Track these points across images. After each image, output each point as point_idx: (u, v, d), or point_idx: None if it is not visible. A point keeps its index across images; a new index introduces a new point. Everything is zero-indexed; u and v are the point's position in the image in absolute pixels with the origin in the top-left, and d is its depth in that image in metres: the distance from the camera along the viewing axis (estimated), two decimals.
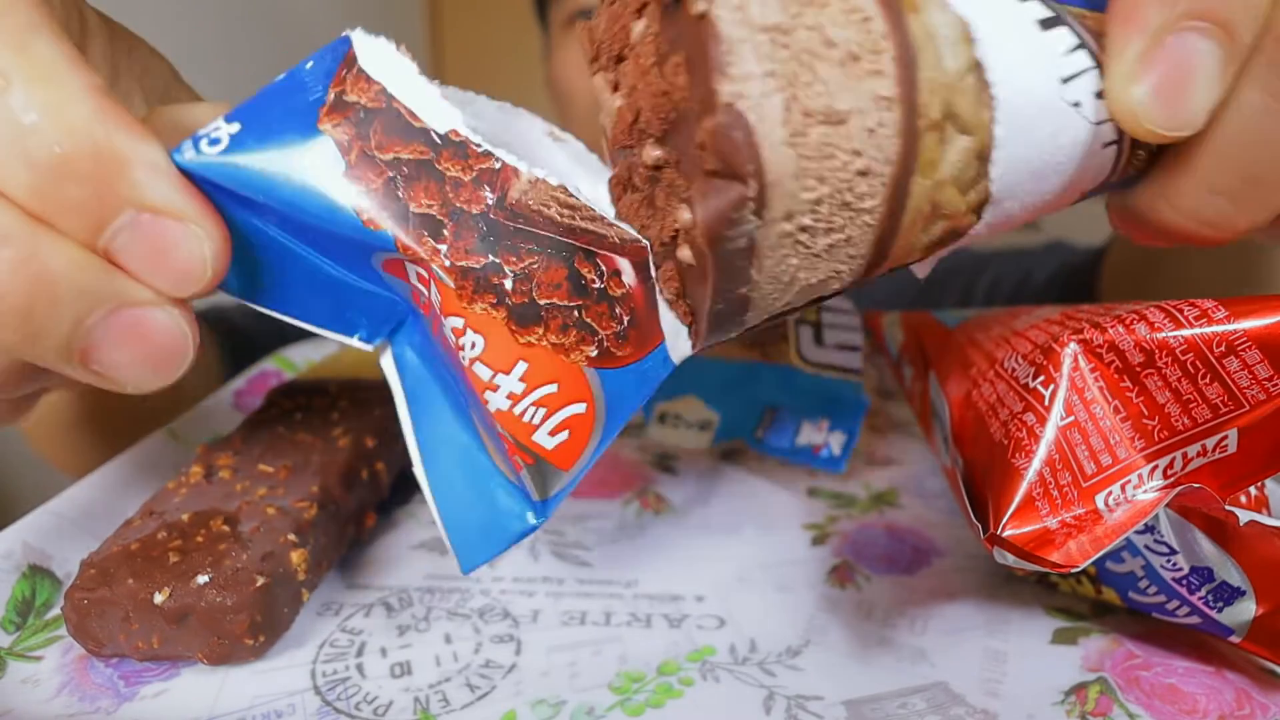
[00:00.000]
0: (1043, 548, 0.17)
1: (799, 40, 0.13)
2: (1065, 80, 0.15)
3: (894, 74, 0.13)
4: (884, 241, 0.15)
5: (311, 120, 0.17)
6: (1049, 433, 0.18)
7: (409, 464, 0.30)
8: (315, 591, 0.23)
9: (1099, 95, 0.15)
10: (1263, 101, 0.15)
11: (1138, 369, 0.18)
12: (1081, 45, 0.15)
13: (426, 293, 0.18)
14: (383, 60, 0.18)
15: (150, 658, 0.20)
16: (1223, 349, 0.16)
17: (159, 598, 0.19)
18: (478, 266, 0.17)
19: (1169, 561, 0.19)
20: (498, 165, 0.17)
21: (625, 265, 0.18)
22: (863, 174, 0.14)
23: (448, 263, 0.17)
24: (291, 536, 0.21)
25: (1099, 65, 0.15)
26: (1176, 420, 0.17)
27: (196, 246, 0.16)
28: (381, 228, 0.17)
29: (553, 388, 0.18)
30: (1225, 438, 0.17)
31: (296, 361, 0.39)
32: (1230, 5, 0.14)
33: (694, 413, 0.29)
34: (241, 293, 0.18)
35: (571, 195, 0.17)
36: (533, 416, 0.18)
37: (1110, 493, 0.17)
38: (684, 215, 0.14)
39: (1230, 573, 0.18)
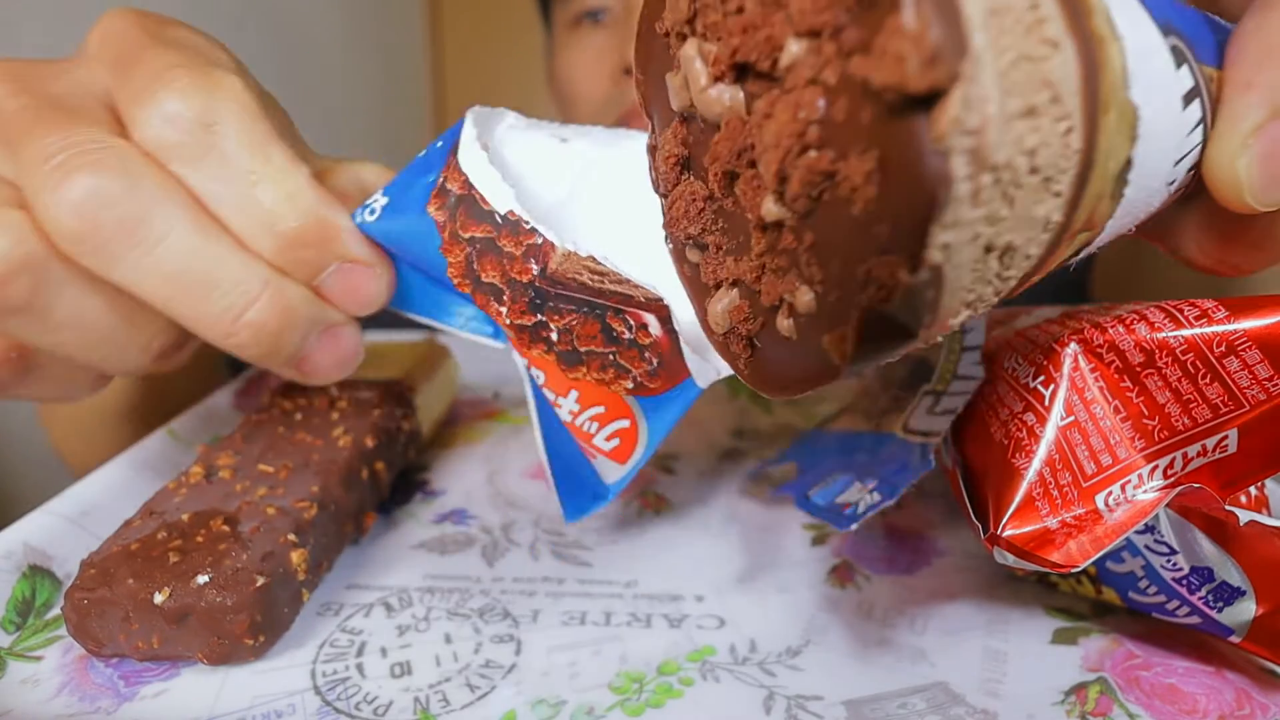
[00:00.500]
0: (1043, 548, 0.17)
1: (1012, 170, 0.11)
2: (1176, 163, 0.14)
3: (1068, 195, 0.12)
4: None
5: (423, 203, 0.22)
6: (1049, 433, 0.18)
7: (409, 464, 0.30)
8: (315, 591, 0.23)
9: (1191, 169, 0.15)
10: None
11: (1138, 369, 0.18)
12: (1202, 120, 0.14)
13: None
14: (470, 149, 0.22)
15: (150, 658, 0.20)
16: (1223, 349, 0.16)
17: (159, 598, 0.19)
18: (529, 324, 0.22)
19: (1169, 561, 0.19)
20: (540, 241, 0.21)
21: (651, 319, 0.21)
22: (999, 294, 0.13)
23: (508, 321, 0.22)
24: (291, 536, 0.21)
25: (1206, 138, 0.15)
26: (1176, 420, 0.17)
27: (377, 284, 0.23)
28: (466, 290, 0.22)
29: (601, 409, 0.23)
30: (1225, 438, 0.17)
31: None
32: None
33: (783, 475, 0.29)
34: (395, 305, 0.24)
35: (600, 264, 0.21)
36: (589, 428, 0.23)
37: (1110, 493, 0.17)
38: (805, 297, 0.13)
39: (1230, 573, 0.18)
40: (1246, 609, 0.18)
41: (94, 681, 0.19)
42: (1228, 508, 0.16)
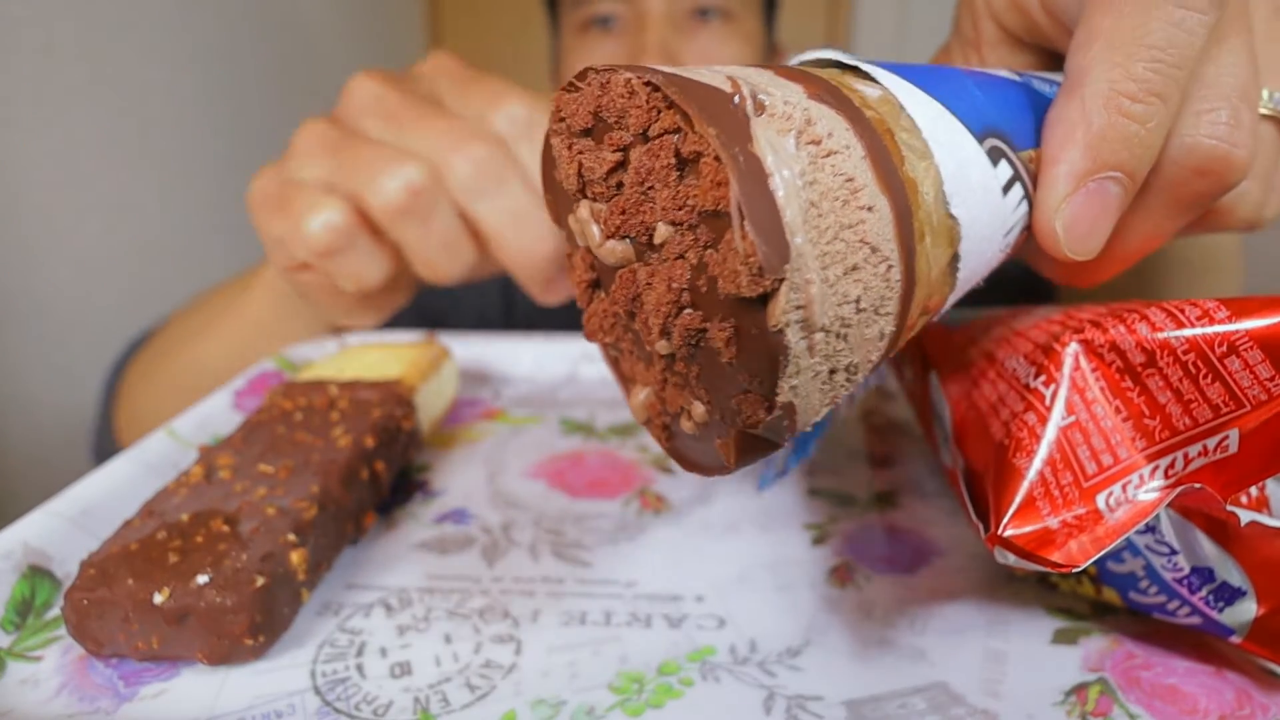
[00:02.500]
0: (1044, 548, 0.17)
1: (841, 318, 0.14)
2: (1005, 235, 0.18)
3: (897, 311, 0.15)
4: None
5: None
6: (1050, 432, 0.18)
7: (409, 464, 0.30)
8: (315, 591, 0.23)
9: (1024, 229, 0.18)
10: (1152, 226, 0.20)
11: (1139, 369, 0.18)
12: (1025, 196, 0.18)
13: None
14: None
15: (150, 658, 0.20)
16: (1224, 349, 0.16)
17: (159, 598, 0.19)
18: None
19: (1170, 562, 0.19)
20: None
21: None
22: (851, 390, 0.15)
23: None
24: (291, 536, 0.21)
25: (1031, 205, 0.18)
26: (1178, 420, 0.17)
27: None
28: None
29: None
30: (1226, 437, 0.17)
31: (296, 361, 0.39)
32: (1136, 157, 0.17)
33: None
34: None
35: None
36: None
37: (1111, 493, 0.17)
38: (699, 409, 0.16)
39: (1231, 573, 0.18)
40: (1247, 609, 0.18)
41: (94, 682, 0.19)
42: (1229, 508, 0.16)
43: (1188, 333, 0.17)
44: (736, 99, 0.14)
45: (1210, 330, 0.17)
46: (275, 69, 1.16)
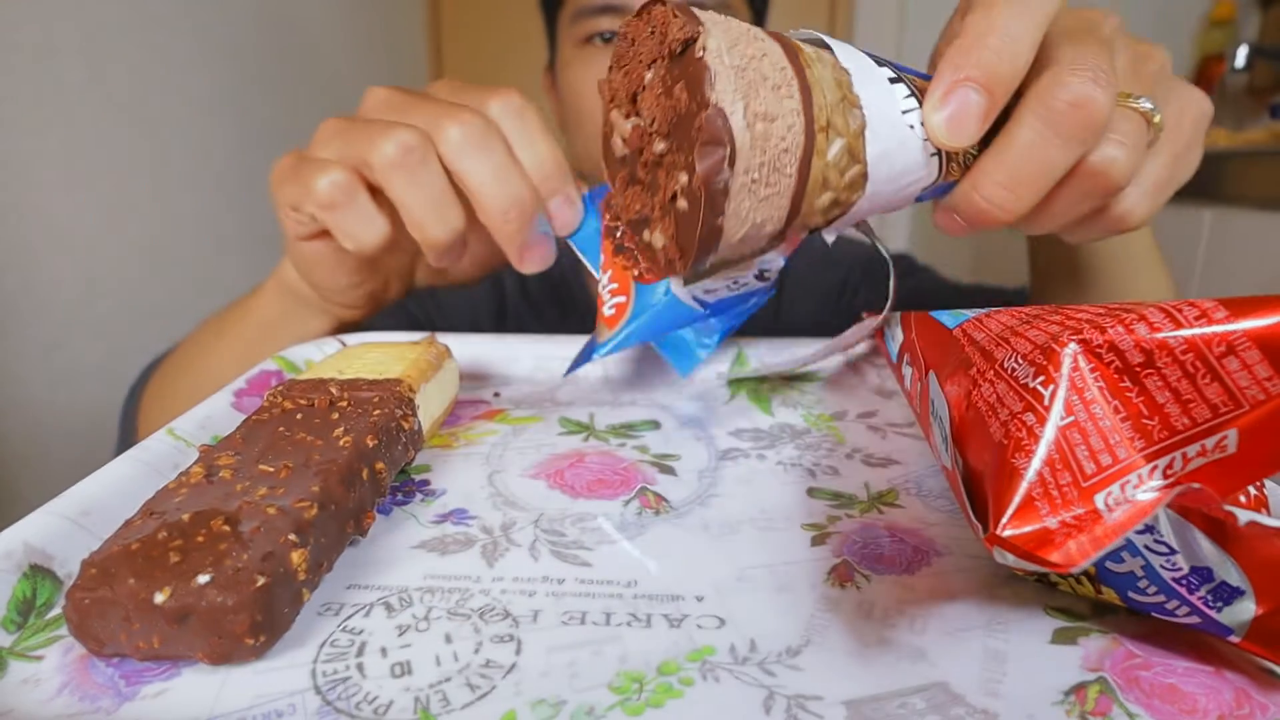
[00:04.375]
0: (1042, 548, 0.17)
1: (750, 73, 0.22)
2: (904, 112, 0.25)
3: (799, 99, 0.22)
4: (797, 199, 0.24)
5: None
6: (1049, 433, 0.18)
7: (409, 464, 0.30)
8: (315, 591, 0.23)
9: (924, 124, 0.25)
10: (1030, 132, 0.26)
11: (1137, 369, 0.18)
12: (911, 95, 0.25)
13: None
14: None
15: (151, 657, 0.20)
16: (1222, 349, 0.16)
17: (159, 598, 0.19)
18: (608, 224, 0.36)
19: (1169, 561, 0.19)
20: None
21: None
22: (785, 151, 0.22)
23: (606, 221, 0.36)
24: (292, 536, 0.21)
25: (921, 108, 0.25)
26: (1176, 420, 0.17)
27: (575, 214, 0.37)
28: (601, 208, 0.37)
29: (616, 285, 0.35)
30: (1225, 438, 0.17)
31: (296, 361, 0.39)
32: (992, 74, 0.25)
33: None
34: (575, 241, 0.38)
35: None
36: (605, 296, 0.35)
37: (1110, 493, 0.17)
38: (683, 178, 0.23)
39: (1230, 573, 0.18)
40: (1246, 609, 0.18)
41: (95, 681, 0.19)
42: (1227, 508, 0.16)
43: (1186, 333, 0.17)
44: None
45: (1208, 330, 0.17)
46: (275, 69, 1.16)
